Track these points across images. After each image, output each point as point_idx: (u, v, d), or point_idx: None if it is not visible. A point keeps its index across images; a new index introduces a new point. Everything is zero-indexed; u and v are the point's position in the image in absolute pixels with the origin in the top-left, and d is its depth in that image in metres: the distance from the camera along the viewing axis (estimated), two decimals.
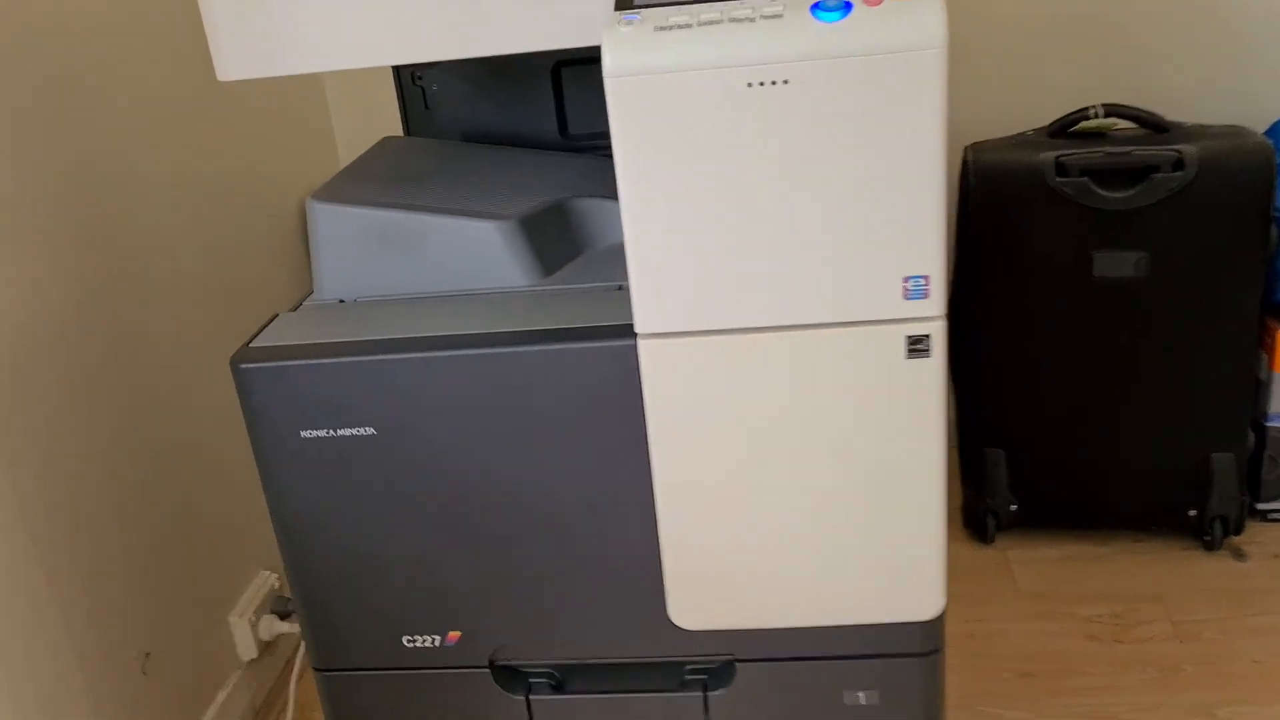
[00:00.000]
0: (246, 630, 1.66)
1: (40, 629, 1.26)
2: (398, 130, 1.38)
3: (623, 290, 1.04)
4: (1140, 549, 1.89)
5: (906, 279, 0.89)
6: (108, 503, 1.39)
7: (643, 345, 0.93)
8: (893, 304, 0.90)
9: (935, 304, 0.90)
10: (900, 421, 0.94)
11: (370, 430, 0.99)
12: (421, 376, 0.97)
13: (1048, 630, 1.73)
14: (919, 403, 0.93)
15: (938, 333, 0.91)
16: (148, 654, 1.47)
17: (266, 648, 1.72)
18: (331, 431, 0.99)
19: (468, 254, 1.09)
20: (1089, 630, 1.72)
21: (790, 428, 0.95)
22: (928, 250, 0.88)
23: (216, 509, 1.62)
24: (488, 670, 1.09)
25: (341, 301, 1.12)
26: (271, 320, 1.07)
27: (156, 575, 1.49)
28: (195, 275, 1.57)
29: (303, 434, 0.99)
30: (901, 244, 0.88)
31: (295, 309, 1.11)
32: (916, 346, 0.91)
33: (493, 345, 0.97)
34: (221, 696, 1.63)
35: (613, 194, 1.12)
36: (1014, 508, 1.90)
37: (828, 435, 0.95)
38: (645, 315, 0.92)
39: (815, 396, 0.94)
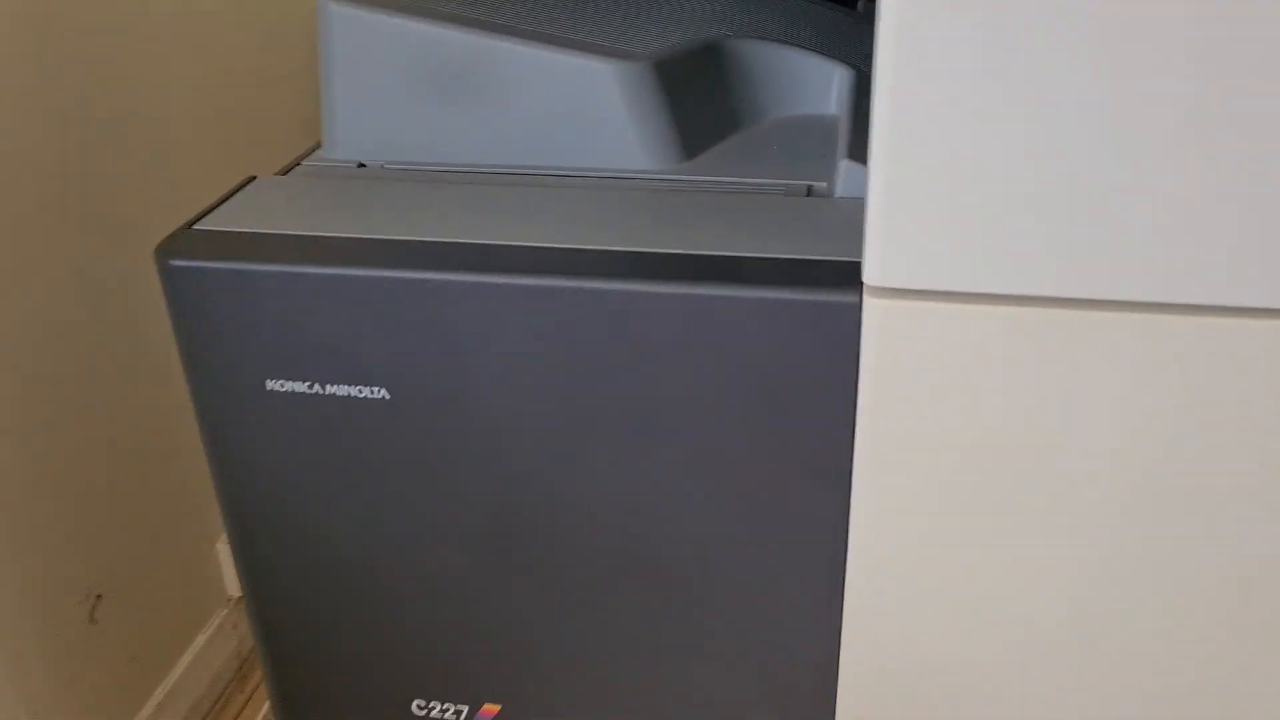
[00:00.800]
0: None
1: None
2: None
3: (815, 198, 0.62)
4: None
5: None
6: (44, 402, 1.02)
7: (875, 307, 0.51)
8: None
9: None
10: None
11: (381, 393, 0.59)
12: (477, 314, 0.57)
13: None
14: None
15: None
16: (99, 596, 1.13)
17: None
18: (318, 387, 0.59)
19: (566, 111, 0.67)
20: None
21: (1120, 475, 0.53)
22: None
23: None
24: None
25: (361, 166, 0.71)
26: (243, 185, 0.67)
27: (115, 498, 1.14)
28: (203, 104, 1.16)
29: (269, 384, 0.60)
30: None
31: (287, 171, 0.70)
32: None
33: (600, 275, 0.55)
34: (201, 640, 1.31)
35: (798, 39, 0.69)
36: None
37: (1190, 497, 0.53)
38: (890, 257, 0.50)
39: (1177, 428, 0.52)
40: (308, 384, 0.59)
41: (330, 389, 0.59)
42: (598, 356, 0.56)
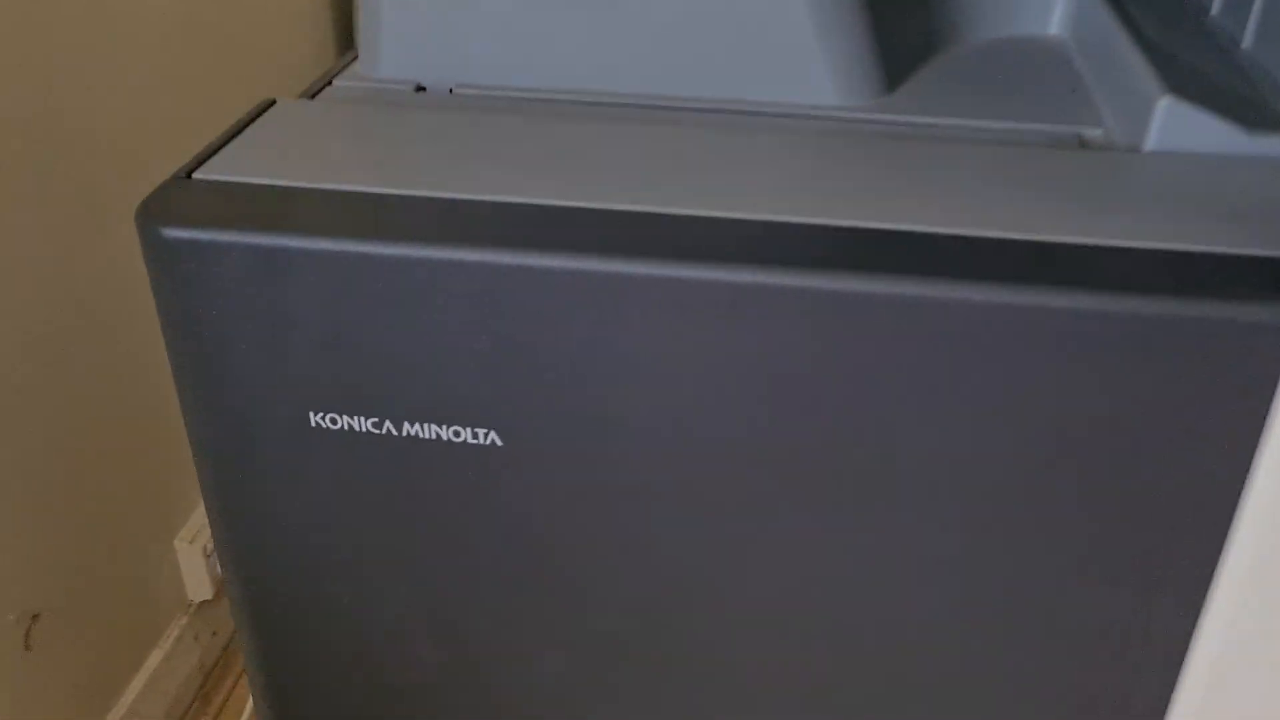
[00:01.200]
0: (199, 561, 1.15)
1: None
2: None
3: (1103, 151, 0.43)
4: None
5: None
6: None
7: None
8: None
9: None
10: None
11: (490, 437, 0.39)
12: (637, 321, 0.37)
13: None
14: None
15: None
16: (35, 616, 0.94)
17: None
18: (388, 426, 0.39)
19: (723, 19, 0.47)
20: None
21: None
22: None
23: (157, 393, 1.04)
24: None
25: (420, 90, 0.50)
26: (259, 113, 0.45)
27: (51, 497, 0.94)
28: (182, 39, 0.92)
29: (313, 419, 0.39)
30: None
31: (314, 93, 0.49)
32: None
33: (838, 267, 0.36)
34: (156, 657, 1.11)
35: None
36: None
37: None
38: None
39: None
40: (372, 420, 0.39)
41: (407, 429, 0.39)
42: (831, 390, 0.37)
